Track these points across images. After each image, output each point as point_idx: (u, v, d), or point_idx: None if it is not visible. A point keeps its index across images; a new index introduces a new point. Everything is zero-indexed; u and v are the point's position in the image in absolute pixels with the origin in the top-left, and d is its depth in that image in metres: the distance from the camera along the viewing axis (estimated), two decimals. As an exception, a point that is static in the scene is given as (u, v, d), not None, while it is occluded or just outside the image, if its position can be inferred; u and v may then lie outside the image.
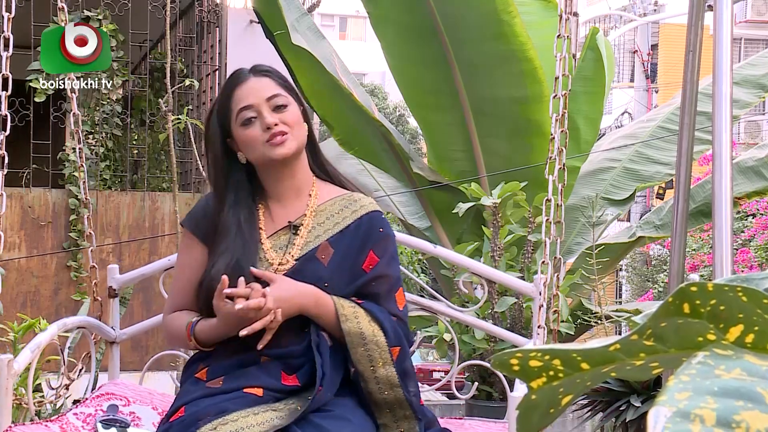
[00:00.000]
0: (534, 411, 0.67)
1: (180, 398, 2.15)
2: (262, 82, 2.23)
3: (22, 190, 6.90)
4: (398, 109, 25.59)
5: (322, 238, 2.24)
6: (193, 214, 2.34)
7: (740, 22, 21.58)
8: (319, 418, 2.04)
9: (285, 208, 2.28)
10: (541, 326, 2.76)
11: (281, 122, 2.19)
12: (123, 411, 2.56)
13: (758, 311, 0.62)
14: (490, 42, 6.25)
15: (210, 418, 1.98)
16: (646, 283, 14.59)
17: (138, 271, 3.03)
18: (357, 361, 2.15)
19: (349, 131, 7.09)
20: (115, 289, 2.97)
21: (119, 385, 2.75)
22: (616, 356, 0.64)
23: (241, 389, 2.08)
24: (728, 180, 2.57)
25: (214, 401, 2.05)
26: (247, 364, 2.14)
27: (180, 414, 2.06)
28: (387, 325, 2.19)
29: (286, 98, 2.23)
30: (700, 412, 0.53)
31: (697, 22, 2.92)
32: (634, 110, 21.51)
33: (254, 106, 2.20)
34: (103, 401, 2.61)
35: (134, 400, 2.64)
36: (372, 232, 2.27)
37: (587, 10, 24.23)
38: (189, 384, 2.19)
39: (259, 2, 6.97)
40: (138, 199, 7.25)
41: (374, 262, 2.24)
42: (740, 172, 6.58)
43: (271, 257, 2.21)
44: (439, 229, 7.14)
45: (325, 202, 2.30)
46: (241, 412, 2.00)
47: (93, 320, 2.92)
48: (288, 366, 2.14)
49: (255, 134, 2.20)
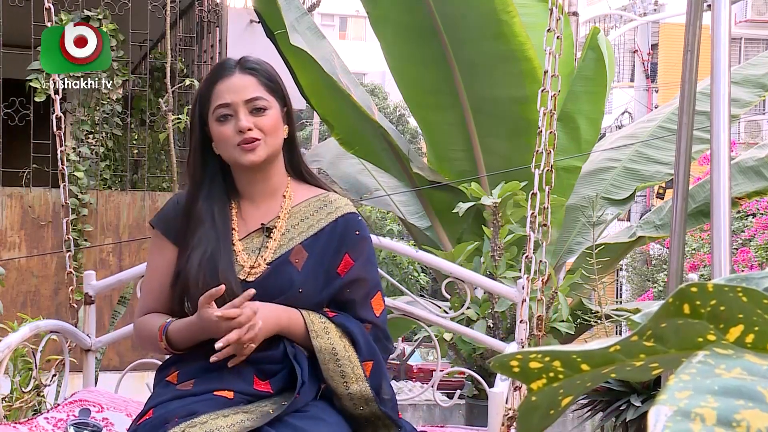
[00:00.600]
0: (534, 412, 0.67)
1: (149, 401, 2.11)
2: (245, 81, 2.15)
3: (23, 190, 6.90)
4: (398, 109, 25.58)
5: (296, 240, 2.18)
6: (163, 214, 2.28)
7: (740, 22, 21.58)
8: (294, 418, 2.01)
9: (258, 209, 2.22)
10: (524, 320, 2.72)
11: (256, 127, 2.12)
12: (96, 417, 2.51)
13: (758, 311, 0.62)
14: (490, 42, 6.25)
15: (178, 420, 1.94)
16: (646, 282, 14.59)
17: (115, 277, 2.95)
18: (329, 377, 2.10)
19: (349, 131, 7.09)
20: (91, 295, 2.89)
21: (93, 392, 2.69)
22: (616, 357, 0.64)
23: (212, 392, 2.03)
24: (726, 178, 2.57)
25: (183, 403, 2.01)
26: (219, 368, 2.08)
27: (148, 416, 2.02)
28: (359, 339, 2.14)
29: (267, 101, 2.15)
30: (700, 411, 0.53)
31: (695, 21, 2.93)
32: (635, 110, 21.50)
33: (231, 105, 2.13)
34: (75, 407, 2.56)
35: (108, 406, 2.57)
36: (347, 234, 2.20)
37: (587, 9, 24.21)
38: (159, 387, 2.14)
39: (259, 2, 6.97)
40: (138, 198, 7.25)
41: (349, 265, 2.18)
42: (740, 171, 6.58)
43: (243, 260, 2.15)
44: (440, 229, 7.14)
45: (299, 204, 2.23)
46: (210, 414, 1.95)
47: (68, 326, 2.83)
48: (261, 371, 2.09)
49: (228, 133, 2.13)
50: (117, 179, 7.70)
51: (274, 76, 2.21)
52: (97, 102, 7.19)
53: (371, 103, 7.06)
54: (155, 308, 2.22)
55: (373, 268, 2.25)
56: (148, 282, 2.26)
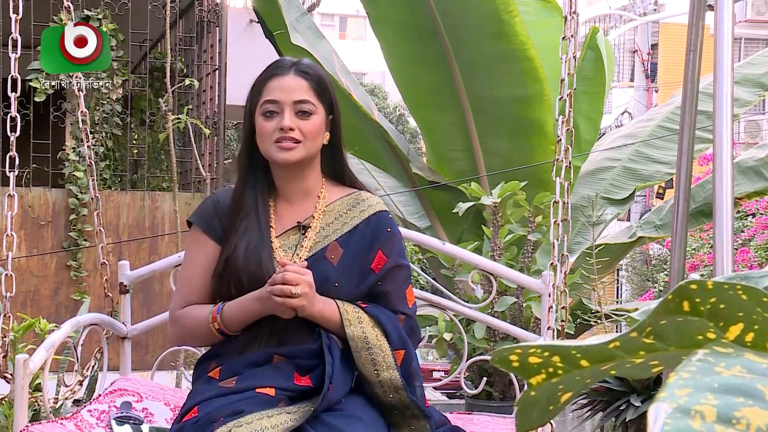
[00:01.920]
0: (533, 407, 0.67)
1: (193, 397, 2.15)
2: (296, 83, 2.22)
3: (22, 190, 6.90)
4: (398, 109, 25.58)
5: (331, 238, 2.25)
6: (202, 212, 2.33)
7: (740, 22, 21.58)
8: (331, 417, 2.05)
9: (293, 208, 2.29)
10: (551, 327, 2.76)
11: (298, 129, 2.19)
12: (136, 407, 2.57)
13: (758, 310, 0.62)
14: (491, 41, 6.25)
15: (225, 420, 1.98)
16: (646, 282, 14.58)
17: (148, 268, 3.06)
18: (361, 365, 2.16)
19: (349, 131, 7.05)
20: (126, 285, 3.00)
21: (131, 381, 2.76)
22: (615, 354, 0.64)
23: (254, 389, 2.07)
24: (729, 178, 2.57)
25: (228, 401, 2.04)
26: (260, 364, 2.14)
27: (194, 414, 2.06)
28: (390, 329, 2.20)
29: (314, 107, 2.22)
30: (700, 408, 0.53)
31: (697, 21, 2.93)
32: (634, 110, 21.50)
33: (279, 103, 2.20)
34: (116, 397, 2.62)
35: (147, 395, 2.65)
36: (380, 231, 2.28)
37: (587, 9, 24.22)
38: (202, 383, 2.18)
39: (258, 2, 6.97)
40: (138, 198, 7.25)
41: (383, 261, 2.25)
42: (740, 172, 6.58)
43: (280, 256, 2.22)
44: (439, 229, 7.14)
45: (333, 202, 2.31)
46: (255, 414, 1.99)
47: (105, 317, 2.95)
48: (300, 366, 2.14)
49: (269, 129, 2.20)
50: (117, 179, 7.70)
51: (325, 83, 2.27)
52: (97, 102, 7.19)
53: (371, 103, 7.06)
54: (194, 301, 2.27)
55: (405, 262, 2.32)
56: (187, 277, 2.30)
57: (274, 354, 2.16)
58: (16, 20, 2.81)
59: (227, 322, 2.18)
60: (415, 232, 3.11)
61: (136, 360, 6.15)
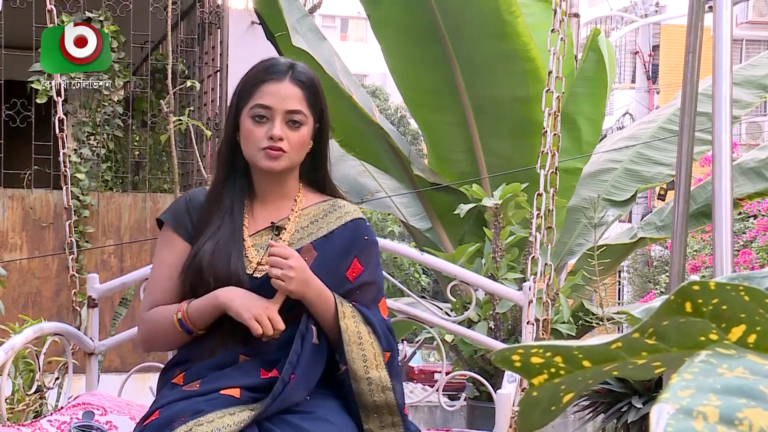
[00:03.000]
0: (535, 408, 0.67)
1: (155, 402, 2.11)
2: (292, 91, 2.18)
3: (24, 192, 6.90)
4: (399, 111, 25.58)
5: (305, 240, 2.22)
6: (174, 210, 2.29)
7: (741, 23, 21.58)
8: (299, 419, 2.02)
9: (268, 210, 2.26)
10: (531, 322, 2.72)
11: (286, 138, 2.16)
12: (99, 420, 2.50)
13: (760, 311, 0.62)
14: (492, 41, 6.25)
15: (185, 419, 1.95)
16: (648, 284, 14.57)
17: (119, 280, 2.94)
18: (352, 359, 2.12)
19: (350, 132, 7.09)
20: (95, 298, 2.89)
21: (96, 396, 2.69)
22: (617, 354, 0.64)
23: (218, 391, 2.04)
24: (728, 180, 2.56)
25: (190, 403, 2.01)
26: (225, 366, 2.10)
27: (154, 417, 2.02)
28: (378, 330, 2.18)
29: (305, 118, 2.18)
30: (703, 410, 0.53)
31: (696, 23, 2.92)
32: (636, 111, 21.50)
33: (272, 110, 2.16)
34: (78, 410, 2.55)
35: (111, 410, 2.57)
36: (357, 239, 2.25)
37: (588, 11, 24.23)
38: (165, 389, 2.15)
39: (260, 3, 6.97)
40: (139, 200, 7.25)
41: (358, 270, 2.22)
42: (741, 173, 6.58)
43: (252, 255, 2.18)
44: (441, 231, 7.14)
45: (309, 206, 2.28)
46: (216, 412, 1.96)
47: (71, 328, 2.82)
48: (266, 362, 2.11)
49: (257, 135, 2.16)
50: (118, 181, 7.70)
51: (318, 91, 2.24)
52: (99, 103, 7.19)
53: (372, 105, 7.06)
54: (163, 302, 2.22)
55: (380, 273, 2.31)
56: (156, 278, 2.26)
57: (240, 354, 2.12)
58: None
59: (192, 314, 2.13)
60: (392, 243, 3.00)
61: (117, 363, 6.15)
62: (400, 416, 2.15)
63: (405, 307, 2.91)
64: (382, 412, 2.14)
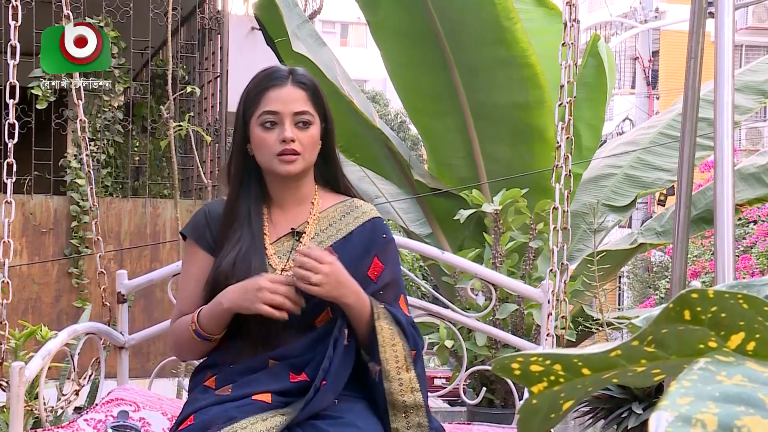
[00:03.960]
0: (535, 416, 0.67)
1: (189, 406, 2.15)
2: (296, 94, 2.22)
3: (24, 197, 6.90)
4: (399, 116, 25.59)
5: (325, 244, 2.25)
6: (194, 223, 2.34)
7: (741, 29, 21.60)
8: (326, 424, 2.04)
9: (287, 215, 2.29)
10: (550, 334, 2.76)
11: (298, 140, 2.19)
12: (133, 417, 2.55)
13: (759, 319, 0.62)
14: (491, 47, 6.26)
15: (219, 426, 1.98)
16: (648, 289, 14.56)
17: (146, 277, 3.04)
18: (385, 360, 2.15)
19: (350, 138, 7.10)
20: (124, 294, 2.99)
21: (129, 391, 2.75)
22: (617, 362, 0.64)
23: (250, 396, 2.07)
24: (730, 186, 2.57)
25: (223, 409, 2.04)
26: (255, 370, 2.14)
27: (189, 422, 2.06)
28: (407, 329, 2.20)
29: (312, 117, 2.23)
30: (701, 417, 0.53)
31: (698, 29, 2.93)
32: (636, 117, 21.51)
33: (279, 114, 2.20)
34: (113, 407, 2.60)
35: (144, 405, 2.64)
36: (375, 238, 2.29)
37: (588, 16, 24.26)
38: (197, 392, 2.19)
39: (260, 9, 6.98)
40: (139, 205, 7.26)
41: (379, 268, 2.25)
42: (742, 178, 6.58)
43: (275, 263, 2.22)
44: (441, 236, 7.14)
45: (327, 209, 2.31)
46: (249, 419, 1.99)
47: (102, 326, 2.94)
48: (295, 366, 2.14)
49: (270, 141, 2.20)
50: (118, 186, 7.71)
51: (319, 92, 2.28)
52: (99, 109, 7.20)
53: (372, 110, 7.07)
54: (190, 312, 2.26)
55: (399, 271, 2.34)
56: (183, 290, 2.31)
57: (269, 359, 2.16)
58: (15, 27, 2.81)
59: (202, 322, 2.17)
60: (415, 242, 3.10)
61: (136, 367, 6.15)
62: (426, 417, 2.18)
63: (429, 305, 2.98)
64: (409, 413, 2.17)
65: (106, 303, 3.13)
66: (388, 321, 2.17)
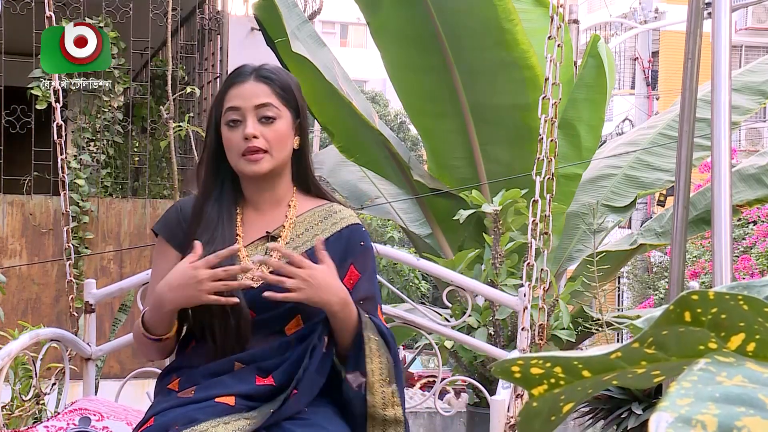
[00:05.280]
0: (535, 418, 0.67)
1: (150, 409, 2.10)
2: (257, 88, 2.15)
3: (23, 198, 6.90)
4: (399, 117, 25.58)
5: (300, 249, 2.16)
6: (165, 220, 2.26)
7: (740, 30, 21.60)
8: (293, 425, 2.00)
9: (263, 218, 2.21)
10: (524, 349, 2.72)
11: (262, 136, 2.12)
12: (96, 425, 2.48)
13: (759, 320, 0.62)
14: (492, 49, 6.26)
15: (179, 428, 1.93)
16: (647, 290, 14.56)
17: (116, 285, 2.93)
18: (371, 371, 2.10)
19: (350, 138, 7.10)
20: (92, 304, 2.88)
21: (93, 401, 2.66)
22: (617, 364, 0.64)
23: (213, 398, 2.01)
24: (727, 185, 2.57)
25: (184, 411, 1.98)
26: (220, 373, 2.08)
27: (149, 424, 2.01)
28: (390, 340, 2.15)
29: (278, 110, 2.14)
30: (701, 418, 0.53)
31: (695, 29, 2.93)
32: (635, 117, 21.51)
33: (241, 110, 2.13)
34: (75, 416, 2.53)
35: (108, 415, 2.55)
36: (353, 245, 2.21)
37: (588, 17, 24.25)
38: (161, 395, 2.13)
39: (260, 9, 6.98)
40: (139, 206, 7.25)
41: (356, 277, 2.18)
42: (741, 179, 6.58)
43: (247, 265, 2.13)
44: (440, 237, 7.14)
45: (304, 213, 2.23)
46: (211, 421, 1.94)
47: (67, 334, 2.80)
48: (261, 369, 2.07)
49: (234, 140, 2.13)
50: (118, 187, 7.70)
51: (289, 86, 2.19)
52: (98, 109, 7.20)
53: (372, 111, 7.06)
54: None
55: (376, 281, 2.27)
56: (151, 289, 2.23)
57: (235, 361, 2.09)
58: None
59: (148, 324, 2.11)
60: (388, 248, 2.99)
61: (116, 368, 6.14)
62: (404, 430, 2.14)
63: (403, 314, 2.90)
64: (388, 427, 2.12)
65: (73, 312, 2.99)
66: (374, 332, 2.12)
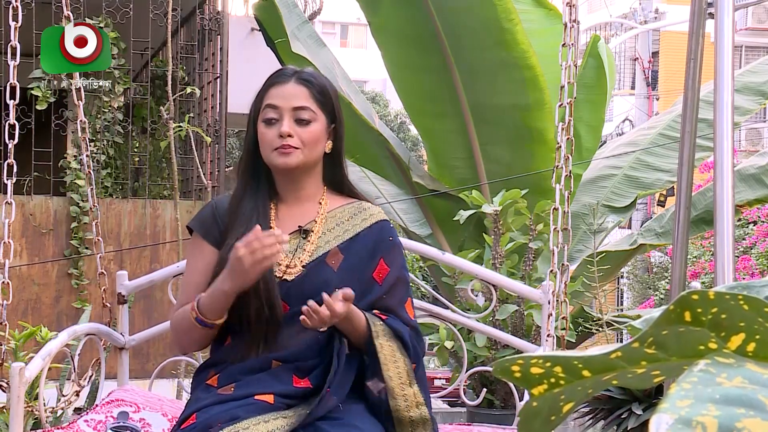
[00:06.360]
0: (535, 418, 0.66)
1: (191, 405, 2.15)
2: (297, 90, 2.24)
3: (24, 198, 6.90)
4: (399, 117, 25.58)
5: (332, 244, 2.26)
6: (201, 218, 2.35)
7: (741, 30, 21.60)
8: (327, 424, 2.05)
9: (295, 213, 2.30)
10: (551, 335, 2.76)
11: (297, 135, 2.21)
12: (133, 418, 2.55)
13: (759, 320, 0.62)
14: (492, 49, 6.26)
15: (221, 426, 1.98)
16: (648, 290, 14.56)
17: (147, 278, 3.05)
18: (389, 377, 2.16)
19: (350, 139, 7.07)
20: (124, 295, 2.99)
21: (129, 392, 2.75)
22: (617, 364, 0.63)
23: (252, 396, 2.07)
24: (730, 186, 2.57)
25: (225, 408, 2.04)
26: (258, 370, 2.14)
27: (191, 421, 2.06)
28: (408, 342, 2.20)
29: (314, 114, 2.24)
30: (701, 420, 0.53)
31: (698, 29, 2.93)
32: (635, 117, 21.51)
33: (279, 109, 2.22)
34: (113, 408, 2.60)
35: (144, 406, 2.63)
36: (382, 240, 2.29)
37: (588, 17, 24.25)
38: (200, 391, 2.18)
39: (260, 10, 6.98)
40: (139, 206, 7.25)
41: (385, 271, 2.26)
42: (741, 179, 6.58)
43: (280, 259, 2.20)
44: (441, 237, 7.14)
45: (334, 209, 2.32)
46: (251, 419, 2.00)
47: (103, 327, 2.94)
48: (299, 369, 2.14)
49: (270, 136, 2.22)
50: (118, 187, 7.71)
51: (327, 91, 2.30)
52: (99, 110, 7.19)
53: (372, 111, 7.07)
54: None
55: (406, 274, 2.33)
56: (187, 283, 2.31)
57: (273, 360, 2.15)
58: (16, 28, 2.81)
59: (203, 309, 2.15)
60: (415, 242, 3.11)
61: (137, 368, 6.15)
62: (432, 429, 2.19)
63: (430, 306, 2.98)
64: (416, 427, 2.17)
65: (106, 304, 3.12)
66: (388, 337, 2.17)
